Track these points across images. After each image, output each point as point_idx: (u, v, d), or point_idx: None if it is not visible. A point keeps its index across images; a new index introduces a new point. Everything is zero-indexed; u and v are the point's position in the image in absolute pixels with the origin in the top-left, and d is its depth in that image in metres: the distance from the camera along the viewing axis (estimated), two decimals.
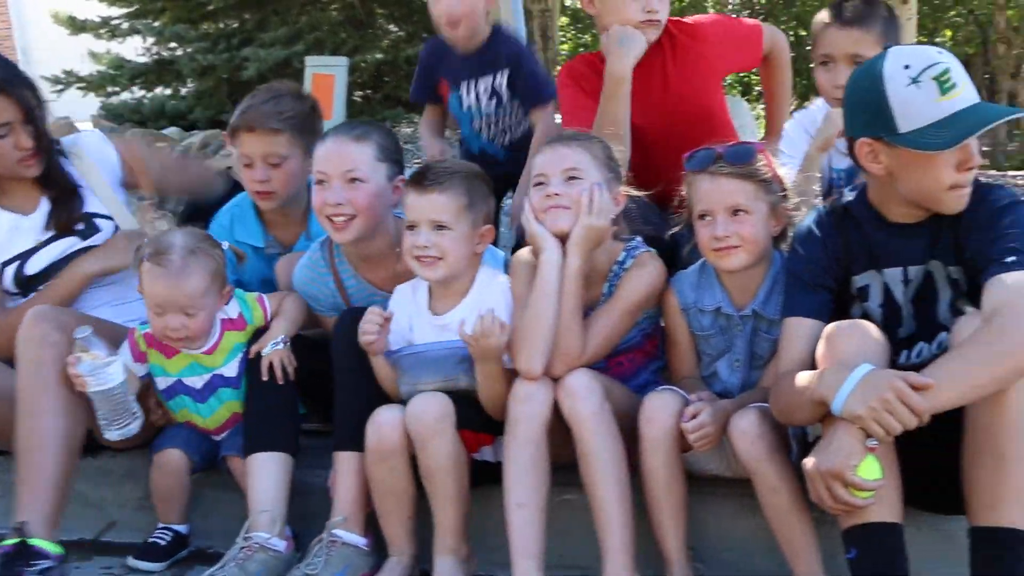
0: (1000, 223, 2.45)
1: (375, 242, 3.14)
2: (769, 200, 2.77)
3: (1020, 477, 2.28)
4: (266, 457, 3.03)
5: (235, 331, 3.20)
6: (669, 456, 2.72)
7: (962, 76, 2.42)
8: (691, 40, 3.65)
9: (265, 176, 3.40)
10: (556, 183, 2.84)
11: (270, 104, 3.44)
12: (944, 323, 2.58)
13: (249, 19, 13.12)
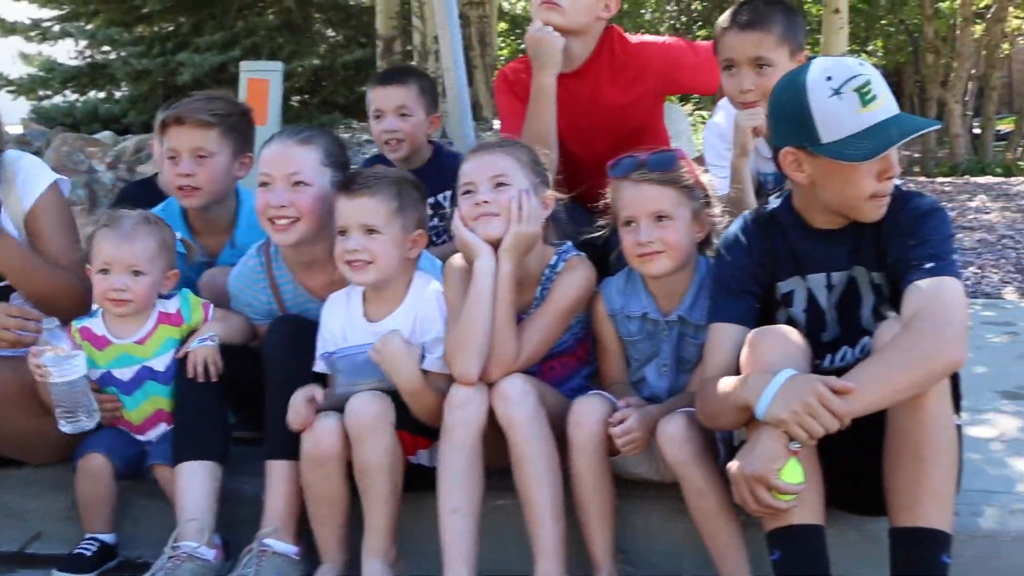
0: (920, 230, 2.50)
1: (316, 247, 3.12)
2: (692, 206, 2.81)
3: (938, 479, 2.34)
4: (194, 466, 3.00)
5: (170, 326, 3.18)
6: (596, 460, 2.75)
7: (882, 88, 2.47)
8: (630, 59, 3.65)
9: (191, 170, 3.36)
10: (484, 190, 2.85)
11: (202, 101, 3.45)
12: (867, 328, 2.62)
13: (184, 23, 13.01)
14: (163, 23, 13.38)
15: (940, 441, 2.34)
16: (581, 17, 3.51)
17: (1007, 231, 7.42)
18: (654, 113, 3.79)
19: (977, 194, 9.73)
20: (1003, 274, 6.11)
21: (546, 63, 3.45)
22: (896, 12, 18.52)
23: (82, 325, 3.17)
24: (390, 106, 3.80)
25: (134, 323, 3.17)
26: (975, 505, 2.80)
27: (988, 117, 14.53)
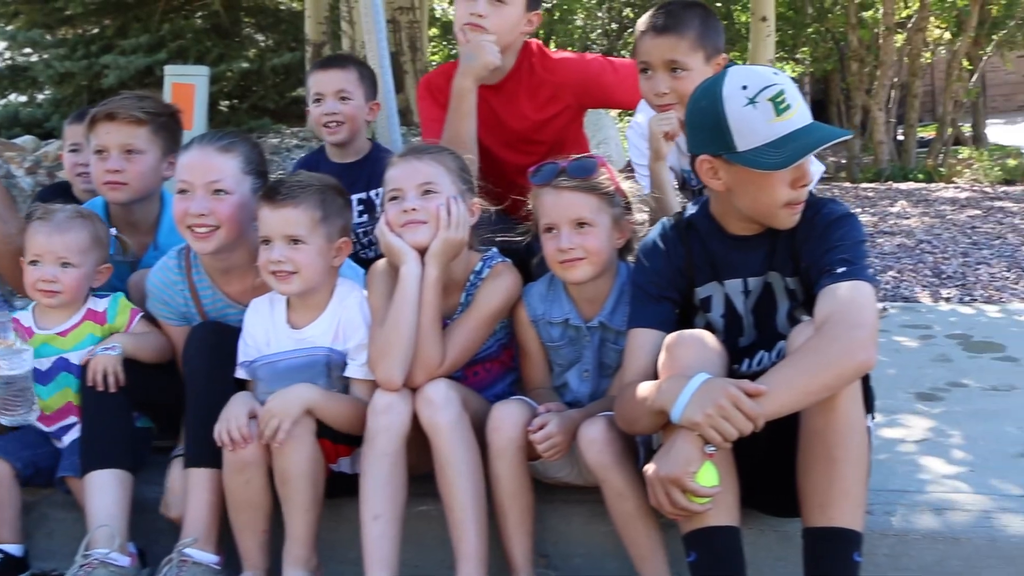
0: (832, 235, 2.55)
1: (235, 254, 3.10)
2: (612, 213, 2.84)
3: (850, 479, 2.39)
4: (103, 474, 2.97)
5: (94, 323, 3.20)
6: (515, 465, 2.77)
7: (796, 97, 2.51)
8: (549, 75, 3.68)
9: (119, 166, 3.36)
10: (412, 198, 2.86)
11: (133, 99, 3.44)
12: (783, 332, 2.66)
13: (109, 25, 12.77)
14: (87, 25, 13.11)
15: (851, 442, 2.39)
16: (505, 36, 3.53)
17: (925, 236, 7.58)
18: (574, 127, 3.82)
19: (898, 200, 9.93)
20: (920, 278, 6.25)
21: (473, 71, 3.46)
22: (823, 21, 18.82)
23: (13, 316, 3.18)
24: (330, 89, 3.80)
25: (61, 315, 3.20)
26: (888, 504, 2.86)
27: (911, 124, 14.81)
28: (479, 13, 3.49)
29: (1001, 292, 5.78)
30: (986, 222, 8.12)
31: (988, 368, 4.11)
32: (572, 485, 2.91)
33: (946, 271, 6.36)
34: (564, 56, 3.79)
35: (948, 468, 3.10)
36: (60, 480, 3.12)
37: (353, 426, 2.86)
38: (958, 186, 11.40)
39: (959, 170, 13.11)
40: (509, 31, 3.54)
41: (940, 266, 6.50)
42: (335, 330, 2.96)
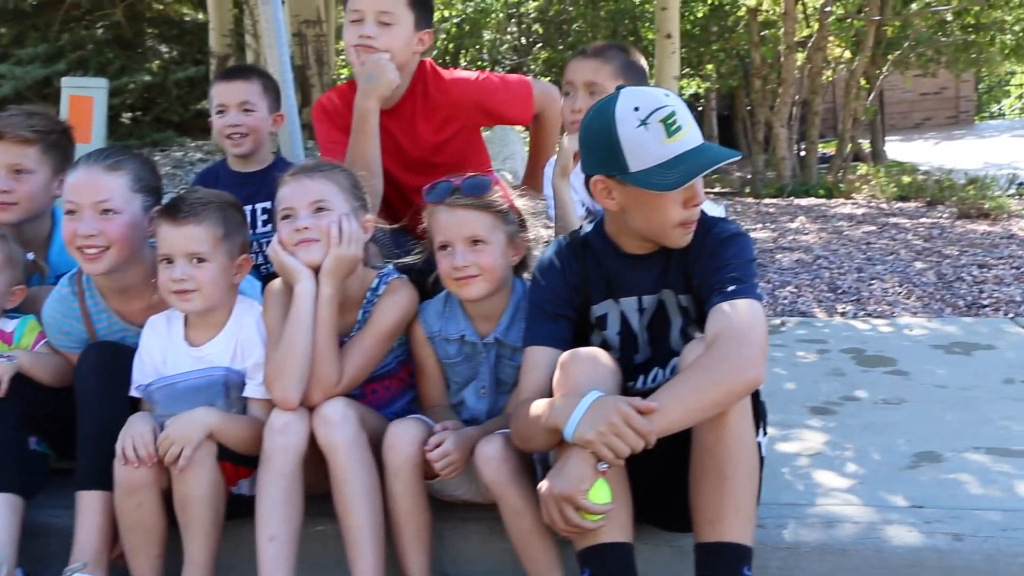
0: (723, 254, 2.60)
1: (130, 273, 3.05)
2: (507, 230, 2.86)
3: (740, 494, 2.43)
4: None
5: (0, 342, 3.16)
6: (410, 483, 2.76)
7: (687, 119, 2.56)
8: (441, 95, 3.68)
9: (8, 186, 3.30)
10: (304, 216, 2.84)
11: (21, 116, 3.37)
12: (676, 349, 2.69)
13: (5, 34, 12.46)
14: None
15: (741, 458, 2.44)
16: (398, 55, 3.51)
17: (822, 252, 7.74)
18: (472, 145, 3.83)
19: (798, 216, 10.13)
20: (817, 293, 6.38)
21: (375, 90, 3.44)
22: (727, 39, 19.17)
23: None
24: (233, 101, 3.77)
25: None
26: (780, 518, 2.91)
27: (812, 141, 15.12)
28: (367, 35, 3.48)
29: (893, 307, 5.94)
30: (880, 238, 8.33)
31: (880, 382, 4.22)
32: (470, 503, 2.92)
33: (841, 286, 6.50)
34: (457, 75, 3.79)
35: (839, 481, 3.18)
36: None
37: (253, 447, 2.82)
38: (856, 202, 11.68)
39: (858, 186, 13.43)
40: (400, 51, 3.52)
41: (836, 281, 6.65)
42: (233, 348, 2.94)
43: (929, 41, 16.59)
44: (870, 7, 14.99)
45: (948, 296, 6.12)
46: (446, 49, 20.63)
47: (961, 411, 3.78)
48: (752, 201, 12.49)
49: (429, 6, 3.65)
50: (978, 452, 3.35)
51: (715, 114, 22.98)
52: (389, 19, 3.49)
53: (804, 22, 16.38)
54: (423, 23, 3.59)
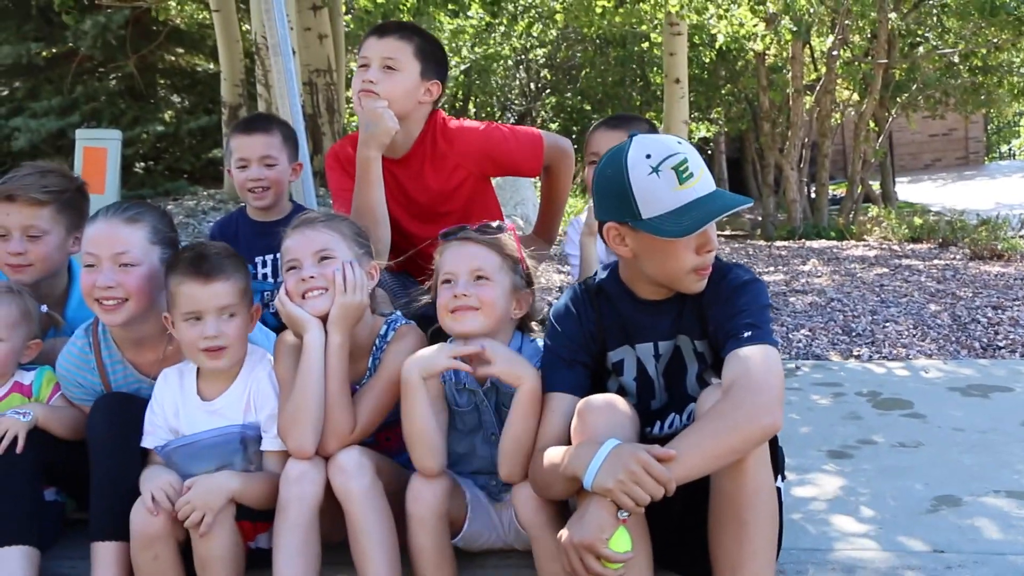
0: (738, 300, 2.60)
1: (147, 325, 3.05)
2: (512, 279, 2.84)
3: (759, 540, 2.42)
4: (9, 551, 2.89)
5: (21, 396, 3.18)
6: (436, 535, 2.74)
7: (699, 165, 2.57)
8: (449, 146, 3.69)
9: (22, 248, 3.30)
10: (309, 266, 2.86)
11: (34, 176, 3.35)
12: (693, 394, 2.69)
13: (19, 87, 12.61)
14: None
15: (760, 504, 2.42)
16: (401, 103, 3.52)
17: (836, 294, 7.73)
18: (481, 195, 3.83)
19: (810, 258, 10.14)
20: (831, 336, 6.36)
21: (374, 139, 3.45)
22: (735, 82, 19.32)
23: None
24: (255, 155, 3.79)
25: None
26: (800, 563, 2.89)
27: (822, 183, 15.19)
28: (370, 79, 3.51)
29: (908, 349, 5.92)
30: (894, 280, 8.33)
31: (896, 425, 4.20)
32: (493, 550, 2.90)
33: (855, 329, 6.49)
34: (464, 125, 3.80)
35: (858, 526, 3.16)
36: None
37: (273, 502, 2.81)
38: (868, 244, 11.68)
39: (869, 228, 13.46)
40: (403, 98, 3.54)
41: (850, 324, 6.63)
42: (246, 401, 2.93)
43: (937, 83, 16.69)
44: (877, 50, 15.10)
45: (963, 338, 6.11)
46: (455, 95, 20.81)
47: (980, 454, 3.75)
48: (763, 244, 12.50)
49: (439, 58, 3.68)
50: (998, 496, 3.32)
51: (724, 157, 23.09)
52: (394, 64, 3.52)
53: (811, 66, 16.49)
54: (431, 73, 3.61)
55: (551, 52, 21.27)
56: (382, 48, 3.54)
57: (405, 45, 3.55)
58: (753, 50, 15.07)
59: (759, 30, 13.68)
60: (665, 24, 12.80)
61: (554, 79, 22.08)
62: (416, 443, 2.74)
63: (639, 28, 16.42)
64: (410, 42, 3.57)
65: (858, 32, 16.17)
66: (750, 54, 16.30)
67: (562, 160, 3.86)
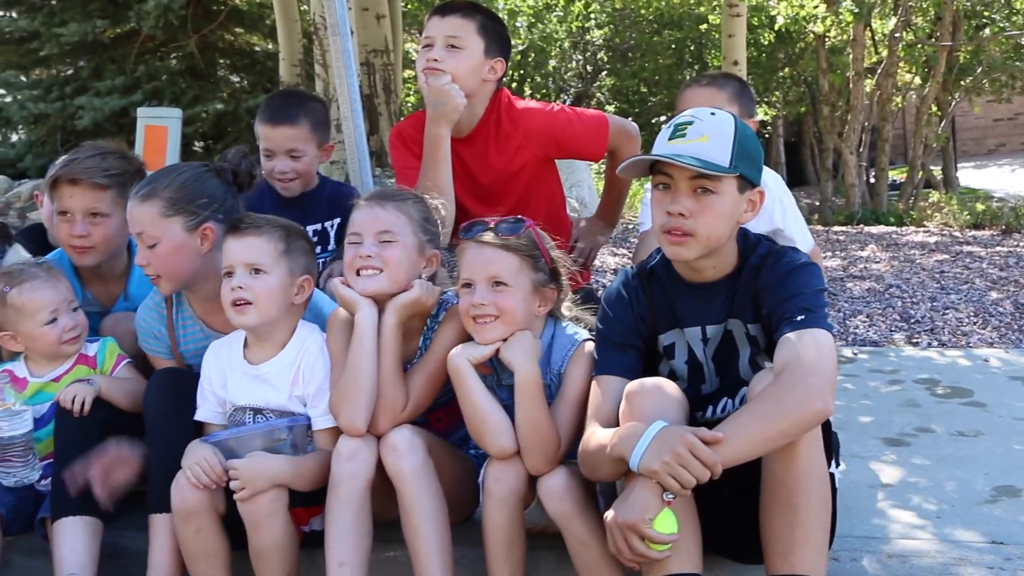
0: (793, 283, 2.57)
1: (207, 286, 3.09)
2: (533, 278, 2.80)
3: (811, 525, 2.39)
4: (72, 521, 2.94)
5: (85, 367, 3.23)
6: (514, 515, 2.73)
7: (702, 132, 2.54)
8: (513, 127, 3.68)
9: (85, 231, 3.34)
10: (369, 244, 2.86)
11: (96, 159, 3.38)
12: (745, 378, 2.67)
13: (84, 67, 12.79)
14: (62, 67, 13.14)
15: (812, 489, 2.39)
16: (466, 81, 3.52)
17: (894, 280, 7.61)
18: (545, 176, 3.82)
19: (868, 244, 9.99)
20: (889, 323, 6.27)
21: (443, 116, 3.47)
22: (794, 65, 19.05)
23: (4, 368, 3.20)
24: (280, 148, 3.75)
25: (55, 361, 3.23)
26: (854, 551, 2.86)
27: (881, 168, 14.94)
28: (435, 58, 3.51)
29: (968, 337, 5.81)
30: (954, 267, 8.18)
31: (956, 413, 4.13)
32: (539, 531, 2.89)
33: (914, 316, 6.39)
34: (530, 106, 3.79)
35: (915, 515, 3.11)
36: (39, 522, 3.08)
37: (324, 482, 2.83)
38: (928, 230, 11.48)
39: (929, 214, 13.22)
40: (468, 76, 3.54)
41: (909, 311, 6.53)
42: (294, 372, 2.94)
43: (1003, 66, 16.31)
44: (941, 32, 14.81)
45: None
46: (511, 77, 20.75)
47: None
48: (821, 229, 12.35)
49: (502, 35, 3.67)
50: None
51: (782, 141, 22.80)
52: (458, 43, 3.53)
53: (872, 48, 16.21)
54: (494, 51, 3.60)
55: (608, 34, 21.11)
56: (445, 27, 3.54)
57: (468, 23, 3.56)
58: (813, 32, 14.85)
59: (820, 11, 13.48)
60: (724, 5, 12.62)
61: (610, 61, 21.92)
62: (482, 427, 2.74)
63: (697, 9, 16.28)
64: (473, 20, 3.57)
65: (921, 14, 15.86)
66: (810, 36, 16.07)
67: (627, 144, 3.82)
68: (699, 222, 2.54)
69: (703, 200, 2.54)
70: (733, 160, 2.52)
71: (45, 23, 12.13)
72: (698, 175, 2.52)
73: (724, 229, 2.59)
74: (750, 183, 2.60)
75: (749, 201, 2.62)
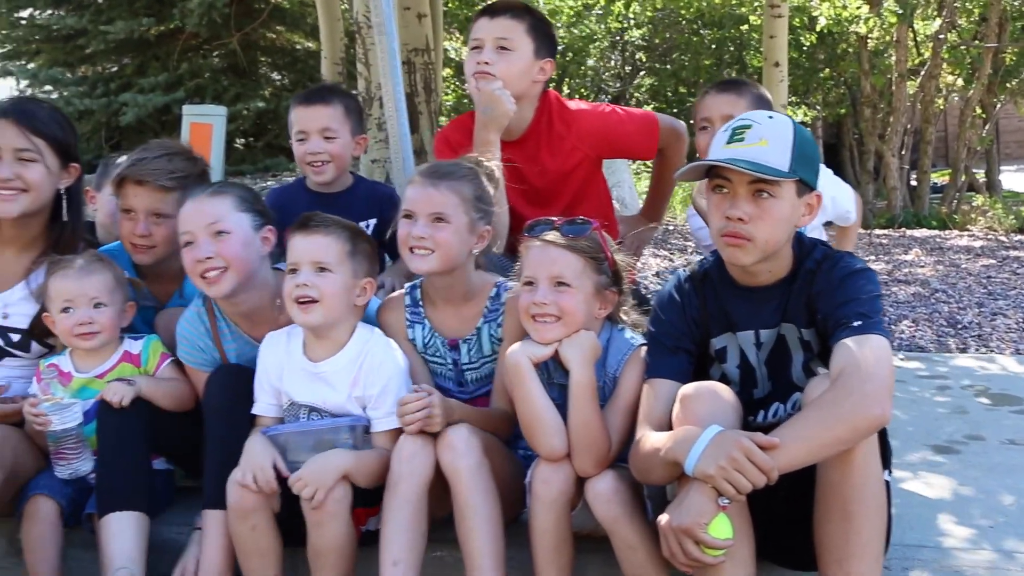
0: (849, 288, 2.55)
1: (253, 296, 3.10)
2: (596, 280, 2.79)
3: (866, 534, 2.37)
4: (120, 516, 2.96)
5: (130, 364, 3.24)
6: (561, 517, 2.73)
7: (760, 136, 2.53)
8: (566, 129, 3.67)
9: (147, 231, 3.37)
10: (422, 226, 2.89)
11: (163, 160, 3.40)
12: (798, 383, 2.66)
13: (128, 64, 12.94)
14: (106, 63, 13.30)
15: (868, 496, 2.37)
16: (516, 83, 3.51)
17: (940, 285, 7.53)
18: (594, 177, 3.81)
19: (912, 247, 9.90)
20: (936, 328, 6.20)
21: (493, 121, 3.46)
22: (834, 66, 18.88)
23: (50, 363, 3.22)
24: (314, 127, 3.69)
25: (99, 357, 3.23)
26: (906, 560, 2.83)
27: (924, 170, 14.79)
28: (486, 61, 3.50)
29: (1018, 343, 5.74)
30: (1001, 272, 8.08)
31: (1006, 421, 4.08)
32: (585, 535, 2.88)
33: (961, 321, 6.31)
34: (582, 107, 3.78)
35: (966, 524, 3.07)
36: (87, 517, 3.11)
37: (381, 479, 2.84)
38: (972, 234, 11.35)
39: (973, 218, 13.07)
40: (518, 78, 3.53)
41: (956, 316, 6.45)
42: (355, 373, 2.93)
43: None
44: (987, 33, 14.62)
45: None
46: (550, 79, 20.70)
47: None
48: (863, 232, 12.23)
49: (550, 35, 3.66)
50: None
51: (821, 142, 22.61)
52: (507, 44, 3.51)
53: (915, 49, 16.04)
54: (543, 52, 3.59)
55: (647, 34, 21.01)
56: (495, 28, 3.53)
57: (518, 24, 3.54)
58: (856, 33, 14.72)
59: (863, 12, 13.36)
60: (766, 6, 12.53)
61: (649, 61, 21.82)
62: (536, 426, 2.73)
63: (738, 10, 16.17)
64: (523, 21, 3.56)
65: (966, 15, 15.67)
66: (852, 37, 15.92)
67: (676, 143, 3.83)
68: (757, 227, 2.53)
69: (762, 204, 2.52)
70: (792, 164, 2.50)
71: (92, 21, 12.29)
72: (757, 179, 2.50)
73: (782, 234, 2.57)
74: (808, 187, 2.58)
75: (807, 205, 2.59)
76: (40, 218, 3.30)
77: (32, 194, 3.20)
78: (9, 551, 3.21)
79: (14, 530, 3.18)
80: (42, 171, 3.21)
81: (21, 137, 3.19)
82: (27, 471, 3.13)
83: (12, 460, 3.03)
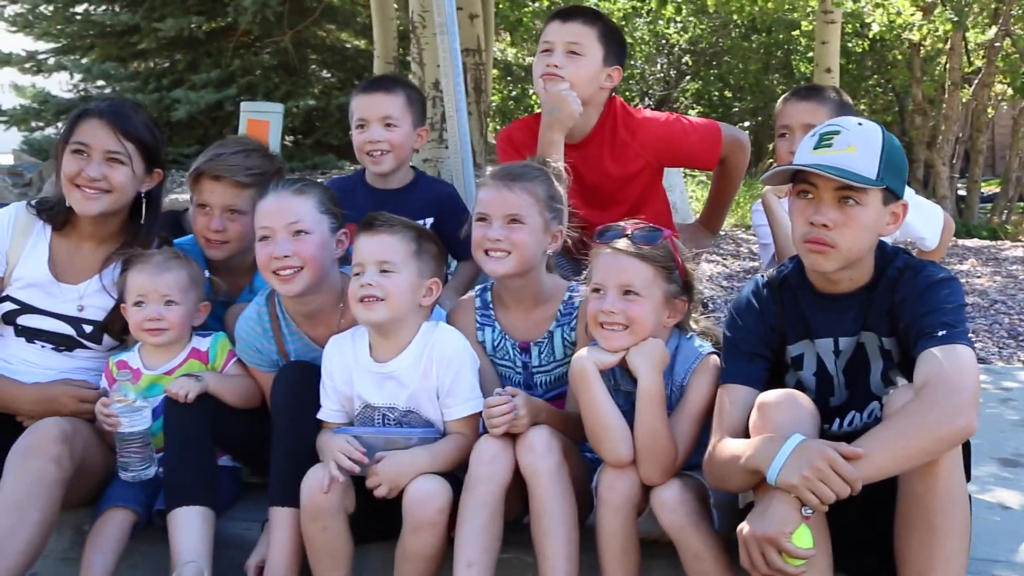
0: (933, 297, 2.52)
1: (320, 297, 3.11)
2: (666, 289, 2.78)
3: (949, 547, 2.35)
4: (187, 511, 2.98)
5: (198, 361, 3.27)
6: (627, 522, 2.72)
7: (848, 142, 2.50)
8: (630, 136, 3.66)
9: (222, 226, 3.39)
10: (497, 228, 2.91)
11: (240, 156, 3.43)
12: (876, 393, 2.64)
13: (180, 60, 13.04)
14: (159, 59, 13.41)
15: (952, 509, 2.35)
16: (583, 88, 3.51)
17: (999, 296, 7.43)
18: (654, 184, 3.81)
19: (968, 258, 9.76)
20: (996, 339, 6.13)
21: (559, 122, 3.46)
22: (883, 73, 18.72)
23: (119, 359, 3.25)
24: (374, 115, 3.58)
25: (167, 354, 3.26)
26: (980, 573, 2.78)
27: (974, 180, 14.64)
28: (555, 63, 3.50)
29: None
30: None
31: None
32: (652, 540, 2.87)
33: (1023, 332, 6.23)
34: (647, 115, 3.77)
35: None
36: (157, 514, 3.14)
37: (457, 465, 2.87)
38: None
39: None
40: (586, 83, 3.52)
41: (1016, 327, 6.37)
42: (424, 364, 2.92)
43: None
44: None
45: None
46: None
47: None
48: None
49: (620, 43, 3.66)
50: None
51: None
52: (578, 49, 3.51)
53: (966, 57, 15.86)
54: (612, 59, 3.58)
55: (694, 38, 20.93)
56: (566, 33, 3.53)
57: (589, 30, 3.54)
58: (909, 40, 14.57)
59: (916, 19, 13.22)
60: (819, 11, 12.44)
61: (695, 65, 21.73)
62: (602, 433, 2.73)
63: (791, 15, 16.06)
64: (594, 27, 3.55)
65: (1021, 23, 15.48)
66: (904, 44, 15.76)
67: (738, 152, 3.81)
68: (842, 234, 2.50)
69: (847, 212, 2.49)
70: (880, 172, 2.48)
71: (145, 17, 12.40)
72: (843, 186, 2.47)
73: (866, 241, 2.54)
74: (894, 195, 2.55)
75: (892, 213, 2.56)
76: (119, 216, 3.33)
77: (115, 195, 3.24)
78: (75, 542, 3.22)
79: (81, 521, 3.20)
80: (128, 174, 3.24)
81: (113, 139, 3.22)
82: (96, 466, 3.15)
83: (83, 454, 3.04)
